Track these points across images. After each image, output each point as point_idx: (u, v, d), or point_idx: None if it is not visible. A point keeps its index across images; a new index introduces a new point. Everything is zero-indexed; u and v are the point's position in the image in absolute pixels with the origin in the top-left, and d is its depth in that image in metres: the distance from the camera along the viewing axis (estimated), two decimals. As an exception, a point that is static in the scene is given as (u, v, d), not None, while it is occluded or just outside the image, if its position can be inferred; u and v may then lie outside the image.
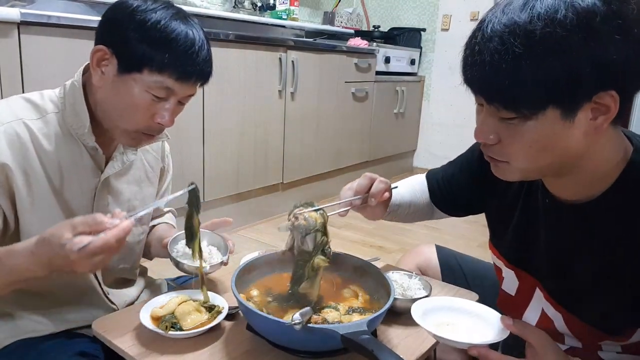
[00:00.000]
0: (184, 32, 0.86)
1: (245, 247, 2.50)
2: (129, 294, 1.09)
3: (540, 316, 0.91)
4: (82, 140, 0.93)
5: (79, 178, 0.94)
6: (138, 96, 0.87)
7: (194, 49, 0.87)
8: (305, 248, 0.84)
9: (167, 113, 0.90)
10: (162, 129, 0.94)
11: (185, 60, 0.86)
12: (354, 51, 3.40)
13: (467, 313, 0.84)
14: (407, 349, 0.85)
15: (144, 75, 0.85)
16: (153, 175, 1.11)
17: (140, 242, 1.11)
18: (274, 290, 0.93)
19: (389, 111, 3.93)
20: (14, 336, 0.94)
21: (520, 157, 0.72)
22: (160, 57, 0.84)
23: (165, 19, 0.85)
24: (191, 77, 0.88)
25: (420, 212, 1.14)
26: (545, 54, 0.62)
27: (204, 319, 0.88)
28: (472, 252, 1.27)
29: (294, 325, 0.71)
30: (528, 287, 0.92)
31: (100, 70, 0.88)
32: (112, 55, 0.86)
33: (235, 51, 2.50)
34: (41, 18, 1.71)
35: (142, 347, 0.81)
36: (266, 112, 2.78)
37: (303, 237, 0.84)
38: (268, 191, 2.96)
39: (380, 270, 0.93)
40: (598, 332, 0.83)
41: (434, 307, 0.85)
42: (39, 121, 0.90)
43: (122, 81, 0.87)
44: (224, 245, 1.01)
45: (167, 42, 0.84)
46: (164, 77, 0.86)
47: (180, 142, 2.30)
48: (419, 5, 4.35)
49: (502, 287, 0.99)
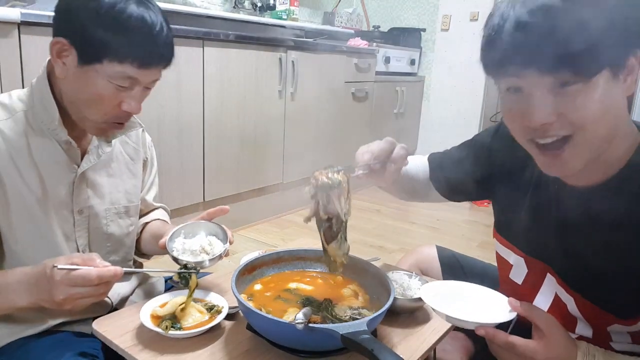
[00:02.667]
0: (141, 16, 0.82)
1: (245, 247, 2.50)
2: (123, 288, 1.08)
3: (554, 300, 0.92)
4: (54, 135, 0.92)
5: (55, 174, 0.93)
6: (101, 87, 0.85)
7: (152, 33, 0.84)
8: (331, 206, 0.83)
9: (133, 101, 0.88)
10: (129, 116, 0.93)
11: (145, 47, 0.83)
12: (354, 51, 3.40)
13: (475, 297, 0.87)
14: (407, 348, 0.85)
15: (104, 65, 0.83)
16: (134, 167, 1.10)
17: (130, 234, 1.10)
18: (274, 290, 0.93)
19: (389, 111, 3.93)
20: (13, 335, 0.94)
21: (587, 122, 0.69)
22: (119, 45, 0.82)
23: (120, 2, 0.82)
24: (153, 64, 0.86)
25: (417, 188, 1.13)
26: (604, 10, 0.63)
27: (204, 319, 0.88)
28: (472, 252, 1.27)
29: (296, 324, 0.71)
30: (537, 274, 0.93)
31: (62, 62, 0.86)
32: (71, 46, 0.84)
33: (235, 51, 2.50)
34: (41, 18, 1.71)
35: (142, 347, 0.81)
36: (266, 112, 2.78)
37: (328, 194, 0.83)
38: (268, 191, 2.96)
39: (380, 270, 0.93)
40: (607, 315, 0.84)
41: (444, 291, 0.88)
42: (9, 121, 0.89)
43: (84, 72, 0.85)
44: (223, 233, 0.98)
45: (123, 27, 0.81)
46: (125, 66, 0.84)
47: (180, 142, 2.30)
48: (418, 5, 4.35)
49: (510, 276, 0.99)
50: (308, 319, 0.74)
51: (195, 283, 0.90)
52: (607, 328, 0.86)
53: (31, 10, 1.72)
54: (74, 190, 0.97)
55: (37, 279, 0.77)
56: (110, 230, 1.05)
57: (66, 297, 0.75)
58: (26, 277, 0.79)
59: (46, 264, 0.76)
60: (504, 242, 0.99)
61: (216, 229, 0.99)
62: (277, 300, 0.90)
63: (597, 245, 0.82)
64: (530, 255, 0.94)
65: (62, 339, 0.96)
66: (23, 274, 0.80)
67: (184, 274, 0.90)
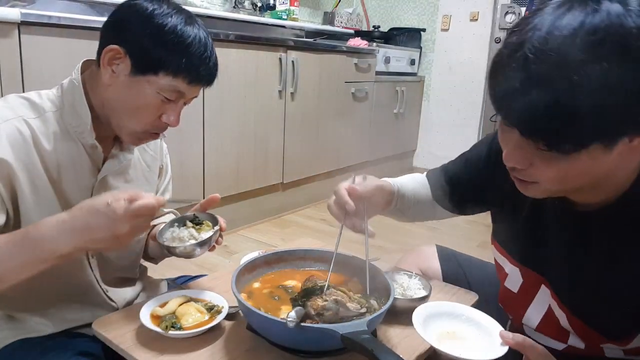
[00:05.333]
0: (198, 37, 0.89)
1: (245, 247, 2.50)
2: (128, 292, 1.09)
3: (547, 312, 0.91)
4: (81, 138, 0.93)
5: (76, 177, 0.94)
6: (150, 97, 0.89)
7: (206, 54, 0.90)
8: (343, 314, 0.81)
9: (174, 114, 0.93)
10: (166, 128, 0.96)
11: (199, 65, 0.90)
12: (354, 51, 3.40)
13: (468, 321, 0.85)
14: (406, 348, 0.85)
15: (158, 77, 0.87)
16: (150, 175, 1.11)
17: (140, 241, 1.10)
18: (270, 288, 0.93)
19: (389, 111, 3.93)
20: (15, 336, 0.94)
21: (554, 182, 0.69)
22: (177, 61, 0.87)
23: (181, 24, 0.88)
24: (202, 81, 0.92)
25: (423, 207, 1.10)
26: (598, 88, 0.57)
27: (204, 319, 0.88)
28: (472, 252, 1.27)
29: (288, 322, 0.71)
30: (532, 284, 0.92)
31: (111, 69, 0.89)
32: (126, 55, 0.87)
33: (235, 51, 2.50)
34: (41, 18, 1.71)
35: (143, 347, 0.81)
36: (266, 112, 2.78)
37: (336, 313, 0.81)
38: (268, 191, 2.96)
39: (380, 270, 0.93)
40: (600, 335, 0.83)
41: (435, 314, 0.85)
42: (38, 120, 0.90)
43: (135, 82, 0.88)
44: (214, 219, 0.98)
45: (183, 47, 0.87)
46: (178, 81, 0.89)
47: (181, 142, 2.30)
48: (418, 5, 4.35)
49: (505, 284, 0.98)
50: (301, 319, 0.74)
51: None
52: (600, 345, 0.85)
53: (31, 10, 1.72)
54: (93, 194, 0.97)
55: (87, 220, 0.74)
56: None
57: (130, 229, 0.75)
58: (66, 224, 0.76)
59: (92, 204, 0.75)
60: (501, 250, 0.98)
61: (208, 218, 1.00)
62: (273, 299, 0.90)
63: (593, 267, 0.80)
64: (525, 266, 0.93)
65: (62, 339, 0.96)
66: (60, 222, 0.76)
67: (197, 220, 0.96)
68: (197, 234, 0.94)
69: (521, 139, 0.66)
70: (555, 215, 0.85)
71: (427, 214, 1.13)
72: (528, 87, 0.60)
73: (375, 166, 3.92)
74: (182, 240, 0.93)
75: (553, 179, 0.68)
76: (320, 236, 2.66)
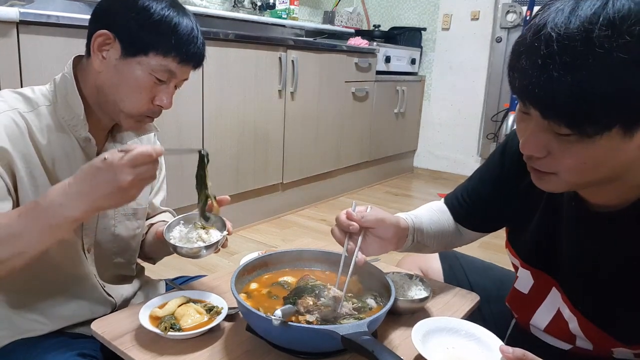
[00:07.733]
0: (184, 19, 0.91)
1: (245, 247, 2.50)
2: (126, 289, 1.09)
3: (555, 316, 0.90)
4: (74, 132, 0.94)
5: (71, 170, 0.93)
6: (141, 78, 0.90)
7: (194, 33, 0.92)
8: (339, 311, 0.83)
9: (166, 96, 0.94)
10: (160, 111, 0.97)
11: (188, 45, 0.91)
12: (354, 51, 3.40)
13: (467, 336, 0.84)
14: (407, 349, 0.84)
15: (149, 58, 0.89)
16: None
17: (136, 236, 1.10)
18: (273, 290, 0.93)
19: (389, 111, 3.93)
20: (13, 336, 0.94)
21: (572, 172, 0.67)
22: (166, 41, 0.89)
23: (166, 8, 0.90)
24: (192, 60, 0.93)
25: (447, 235, 1.06)
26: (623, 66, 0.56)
27: (204, 320, 0.87)
28: (472, 252, 1.27)
29: (273, 320, 0.71)
30: (543, 287, 0.91)
31: (101, 54, 0.90)
32: (115, 39, 0.89)
33: (235, 51, 2.50)
34: (40, 17, 1.71)
35: (141, 348, 0.81)
36: (266, 112, 2.78)
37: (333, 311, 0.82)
38: (268, 191, 2.95)
39: (381, 271, 0.93)
40: (611, 339, 0.82)
41: (434, 329, 0.84)
42: (31, 114, 0.91)
43: (126, 64, 0.90)
44: (222, 223, 0.98)
45: (171, 27, 0.89)
46: (168, 60, 0.90)
47: (181, 141, 2.29)
48: (419, 4, 4.35)
49: (515, 286, 0.98)
50: (288, 317, 0.73)
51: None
52: (610, 348, 0.84)
53: (30, 9, 1.71)
54: None
55: (89, 180, 0.75)
56: (118, 231, 1.05)
57: (133, 178, 0.75)
58: (72, 187, 0.76)
59: (91, 164, 0.75)
60: (513, 252, 0.97)
61: (217, 219, 0.99)
62: (272, 299, 0.90)
63: (608, 271, 0.79)
64: (536, 268, 0.92)
65: (61, 339, 0.96)
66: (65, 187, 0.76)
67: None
68: (205, 237, 0.94)
69: (540, 125, 0.65)
70: (570, 217, 0.84)
71: (453, 241, 1.09)
72: (551, 66, 0.59)
73: (375, 166, 3.92)
74: (190, 241, 0.93)
75: (571, 168, 0.67)
76: (320, 236, 2.66)
